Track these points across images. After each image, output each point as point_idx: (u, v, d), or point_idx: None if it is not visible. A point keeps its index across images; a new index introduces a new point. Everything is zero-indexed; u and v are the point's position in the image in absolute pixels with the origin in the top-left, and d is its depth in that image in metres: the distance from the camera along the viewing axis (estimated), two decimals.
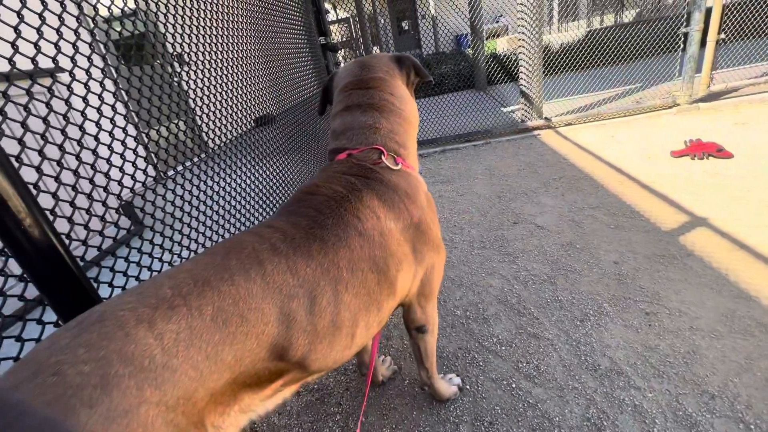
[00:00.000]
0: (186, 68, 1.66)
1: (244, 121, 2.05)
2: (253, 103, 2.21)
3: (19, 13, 0.80)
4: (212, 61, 1.79)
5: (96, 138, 0.97)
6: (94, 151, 0.98)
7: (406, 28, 13.14)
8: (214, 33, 1.81)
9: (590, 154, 3.10)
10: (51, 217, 0.79)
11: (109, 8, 1.19)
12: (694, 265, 1.67)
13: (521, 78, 3.87)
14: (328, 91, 1.21)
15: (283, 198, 2.37)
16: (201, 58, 1.72)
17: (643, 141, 3.16)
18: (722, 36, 3.52)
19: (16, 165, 0.75)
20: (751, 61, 4.31)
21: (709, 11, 3.42)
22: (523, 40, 3.69)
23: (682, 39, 3.60)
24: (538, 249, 2.00)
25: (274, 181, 2.26)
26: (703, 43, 3.51)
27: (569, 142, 3.50)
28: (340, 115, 1.05)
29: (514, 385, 1.30)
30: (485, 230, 2.28)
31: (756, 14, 4.22)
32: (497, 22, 9.82)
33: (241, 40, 2.11)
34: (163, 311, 0.53)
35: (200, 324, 0.54)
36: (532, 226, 2.23)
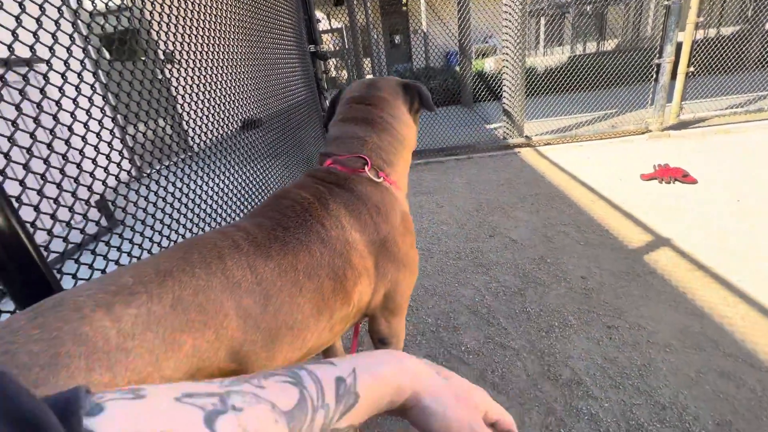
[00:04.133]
0: (176, 65, 1.66)
1: (230, 124, 2.06)
2: (240, 105, 2.22)
3: None
4: (200, 60, 1.80)
5: (70, 129, 0.96)
6: (67, 142, 0.97)
7: (398, 41, 13.38)
8: (203, 32, 1.83)
9: (566, 173, 3.21)
10: (16, 204, 0.79)
11: (92, 1, 1.20)
12: (655, 283, 1.75)
13: (504, 97, 4.00)
14: (335, 104, 1.23)
15: (262, 201, 2.37)
16: (190, 56, 1.72)
17: (616, 163, 3.30)
18: (691, 69, 3.73)
19: None
20: (718, 94, 4.58)
21: (680, 45, 3.64)
22: (507, 60, 3.83)
23: (656, 69, 3.80)
24: (510, 262, 2.05)
25: (256, 183, 2.26)
26: (674, 74, 3.72)
27: (547, 160, 3.62)
28: (336, 124, 1.09)
29: None
30: (462, 241, 2.33)
31: (721, 52, 4.50)
32: (486, 42, 10.12)
33: (230, 42, 2.13)
34: (123, 297, 0.54)
35: (159, 309, 0.55)
36: (506, 239, 2.29)
